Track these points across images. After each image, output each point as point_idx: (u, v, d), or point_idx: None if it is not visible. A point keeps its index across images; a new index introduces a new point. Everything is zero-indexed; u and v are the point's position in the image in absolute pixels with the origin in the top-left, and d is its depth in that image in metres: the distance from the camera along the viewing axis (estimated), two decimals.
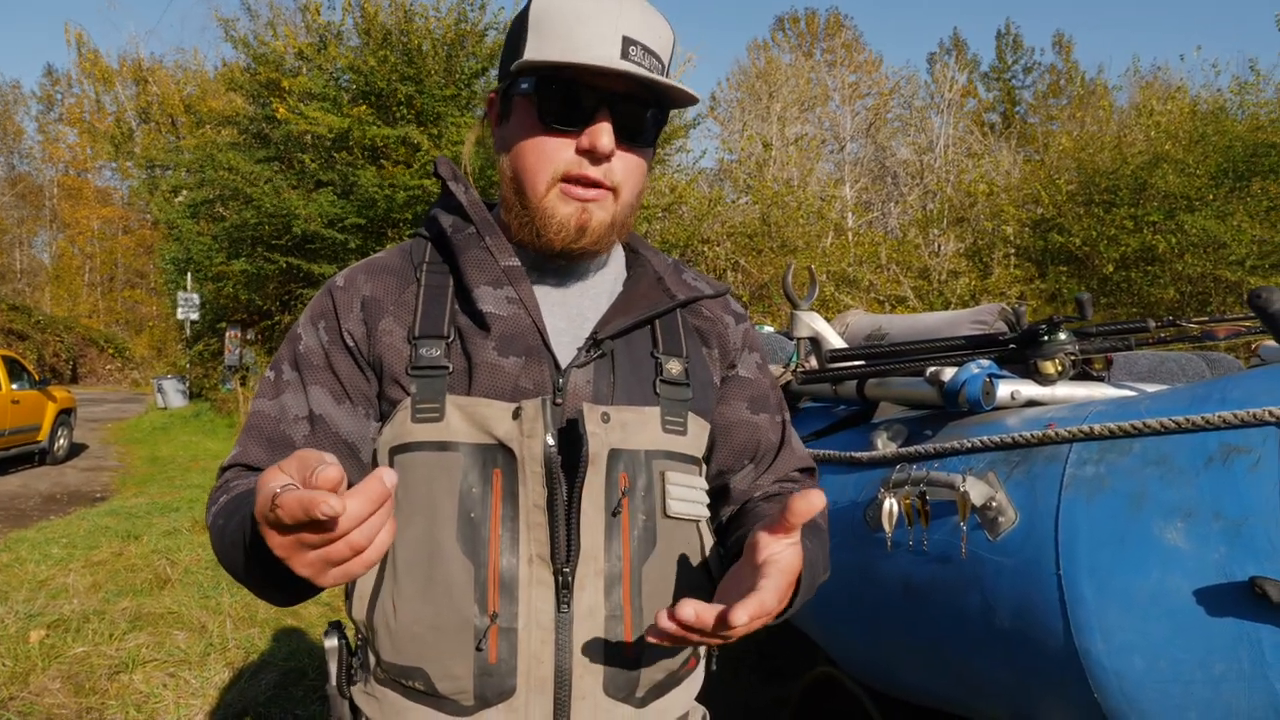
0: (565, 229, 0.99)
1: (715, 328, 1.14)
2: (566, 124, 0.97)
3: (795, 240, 14.49)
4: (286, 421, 1.02)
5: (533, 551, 0.94)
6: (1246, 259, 11.20)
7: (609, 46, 0.94)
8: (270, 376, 1.05)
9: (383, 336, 1.01)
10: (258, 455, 1.01)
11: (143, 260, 36.83)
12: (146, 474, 10.32)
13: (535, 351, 0.99)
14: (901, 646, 1.72)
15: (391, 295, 1.04)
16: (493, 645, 0.93)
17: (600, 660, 0.96)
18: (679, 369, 1.06)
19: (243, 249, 14.23)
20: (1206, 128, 12.43)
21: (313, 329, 1.05)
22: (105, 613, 4.46)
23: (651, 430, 1.01)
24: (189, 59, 29.43)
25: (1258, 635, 1.22)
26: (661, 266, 1.13)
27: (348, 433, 1.02)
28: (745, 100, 21.85)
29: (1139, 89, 18.07)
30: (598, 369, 1.01)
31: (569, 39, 0.95)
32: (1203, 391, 1.39)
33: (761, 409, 1.16)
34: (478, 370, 0.97)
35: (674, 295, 1.09)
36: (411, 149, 12.55)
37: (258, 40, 14.18)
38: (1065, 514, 1.39)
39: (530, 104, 0.99)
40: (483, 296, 0.99)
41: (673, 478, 1.02)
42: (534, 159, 0.99)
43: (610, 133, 0.96)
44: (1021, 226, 14.26)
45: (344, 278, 1.07)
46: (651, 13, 1.00)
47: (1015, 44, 33.37)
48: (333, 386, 1.02)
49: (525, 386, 0.98)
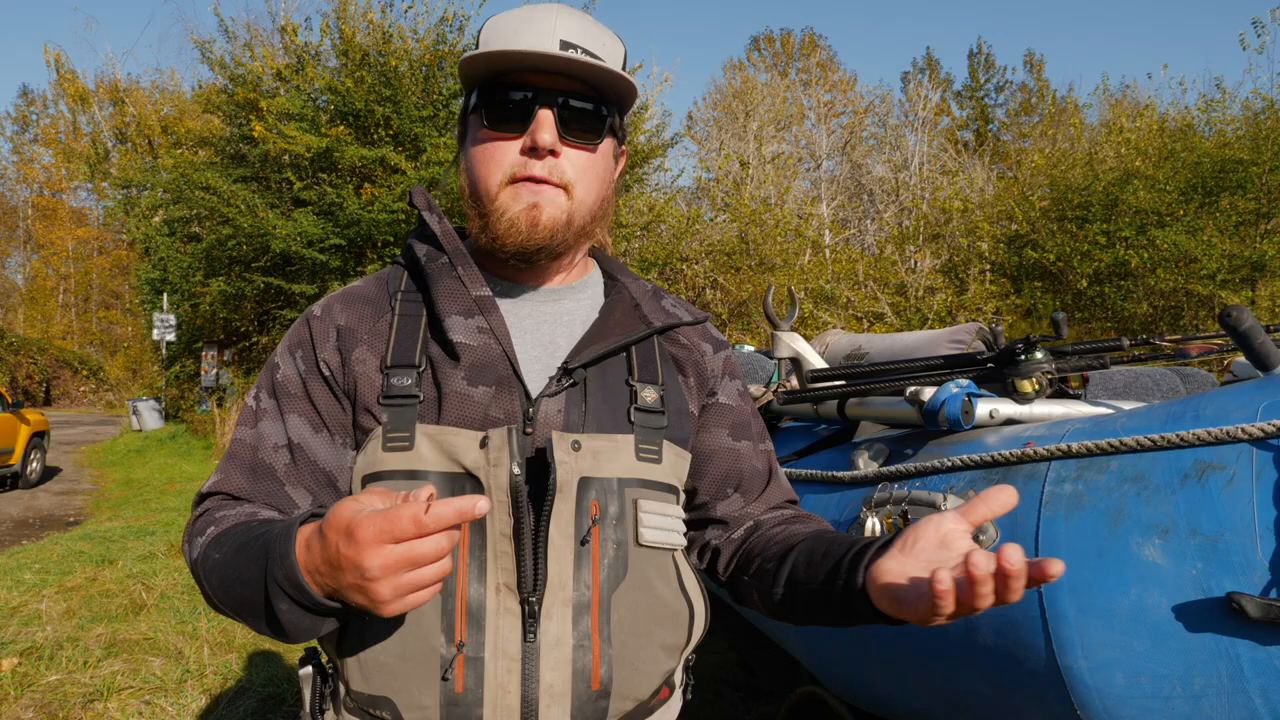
0: (516, 225, 1.00)
1: (692, 355, 1.14)
2: (509, 124, 0.99)
3: (773, 258, 14.58)
4: (265, 450, 1.02)
5: (500, 580, 0.94)
6: (1217, 273, 11.39)
7: (545, 45, 0.97)
8: (250, 405, 1.06)
9: (356, 365, 1.02)
10: (239, 483, 1.01)
11: (118, 281, 36.48)
12: (121, 497, 10.17)
13: (505, 381, 0.99)
14: (885, 664, 1.73)
15: (366, 324, 1.05)
16: (459, 675, 0.93)
17: (567, 691, 0.95)
18: (654, 396, 1.06)
19: (220, 268, 14.14)
20: (1175, 144, 12.65)
21: (290, 358, 1.05)
22: (79, 640, 4.38)
23: (625, 458, 1.01)
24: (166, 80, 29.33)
25: (1236, 650, 1.24)
26: (639, 293, 1.13)
27: (325, 461, 1.02)
28: (722, 119, 22.02)
29: (1109, 106, 18.37)
30: (569, 398, 1.01)
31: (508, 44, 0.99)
32: (1177, 409, 1.41)
33: (743, 436, 1.16)
34: (447, 400, 0.98)
35: (650, 323, 1.09)
36: (389, 170, 12.55)
37: (235, 61, 14.14)
38: (1045, 532, 1.40)
39: (479, 116, 1.02)
40: (453, 326, 1.00)
41: (646, 506, 1.01)
42: (482, 163, 1.02)
43: (551, 127, 0.98)
44: (996, 243, 14.42)
45: (321, 307, 1.08)
46: (594, 24, 1.03)
47: (987, 63, 33.87)
48: (310, 415, 1.03)
49: (495, 416, 0.98)
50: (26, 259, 40.61)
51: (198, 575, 0.96)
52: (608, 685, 0.97)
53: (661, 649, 1.02)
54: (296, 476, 1.02)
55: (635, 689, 1.00)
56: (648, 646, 1.01)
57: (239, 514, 0.97)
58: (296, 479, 1.02)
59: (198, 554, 0.96)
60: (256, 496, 1.01)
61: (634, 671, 0.99)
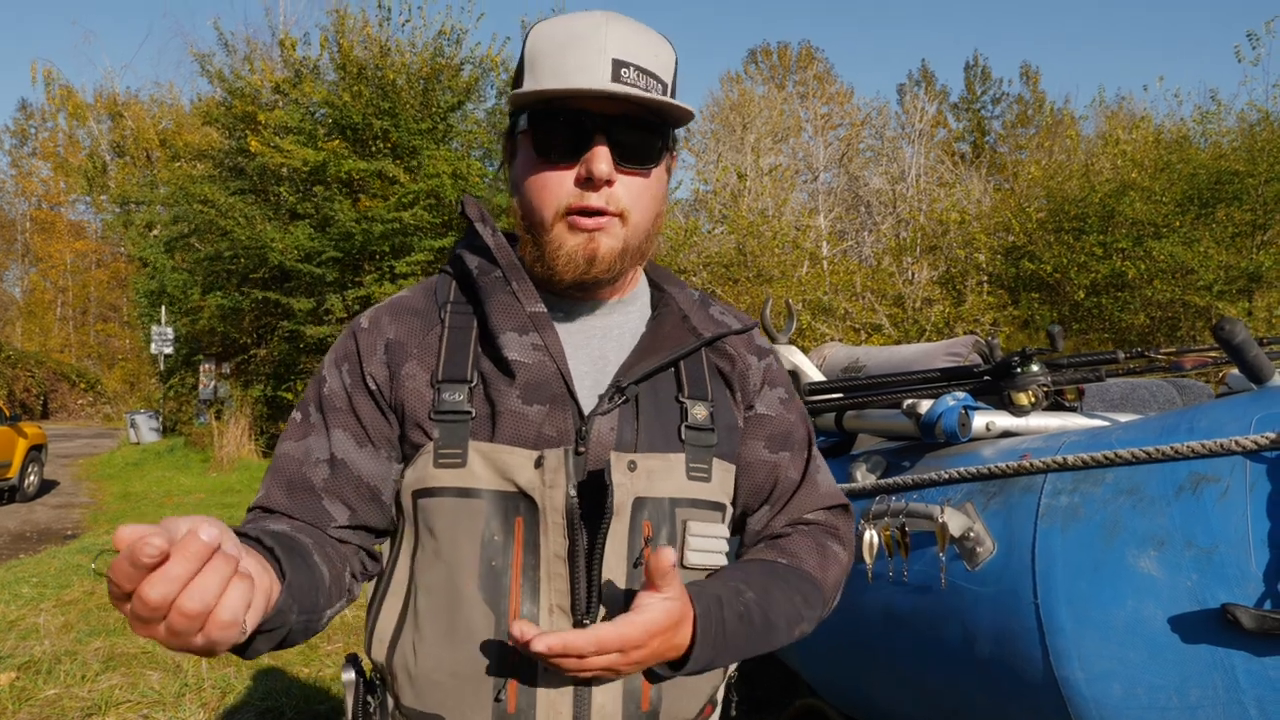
0: (574, 260, 0.97)
1: (738, 368, 1.11)
2: (563, 155, 0.96)
3: (771, 269, 14.60)
4: (308, 464, 1.01)
5: (553, 601, 0.93)
6: (1214, 284, 11.41)
7: (598, 71, 0.94)
8: (297, 418, 1.05)
9: (406, 380, 1.00)
10: (278, 499, 1.00)
11: (116, 294, 36.48)
12: (119, 511, 10.14)
13: (559, 399, 0.98)
14: (883, 676, 1.73)
15: (415, 338, 1.03)
16: (512, 696, 0.93)
17: (618, 712, 0.95)
18: (704, 414, 1.04)
19: (217, 282, 14.15)
20: (1171, 156, 12.70)
21: (336, 371, 1.04)
22: (77, 653, 4.37)
23: (676, 478, 0.99)
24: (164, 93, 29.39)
25: (1231, 661, 1.25)
26: (686, 303, 1.11)
27: (369, 475, 1.01)
28: (719, 131, 22.10)
29: (1105, 118, 18.47)
30: (622, 415, 0.99)
31: (558, 70, 0.95)
32: (1172, 422, 1.43)
33: (782, 447, 1.12)
34: (501, 417, 0.96)
35: (699, 334, 1.07)
36: (387, 182, 12.58)
37: (234, 74, 14.19)
38: (1042, 543, 1.41)
39: (528, 140, 0.99)
40: (508, 343, 0.98)
41: (694, 528, 1.00)
42: (537, 195, 0.99)
43: (607, 158, 0.95)
44: (993, 254, 14.46)
45: (368, 319, 1.06)
46: (644, 33, 0.99)
47: (983, 75, 34.04)
48: (355, 429, 1.01)
49: (549, 434, 0.96)
50: (25, 272, 40.64)
51: None
52: (657, 706, 0.97)
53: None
54: (335, 490, 1.00)
55: (683, 709, 1.00)
56: None
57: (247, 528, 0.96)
58: (335, 493, 1.00)
59: None
60: (293, 511, 1.00)
61: (682, 692, 1.00)
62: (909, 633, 1.61)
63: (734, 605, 0.95)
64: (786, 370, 2.35)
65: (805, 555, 1.08)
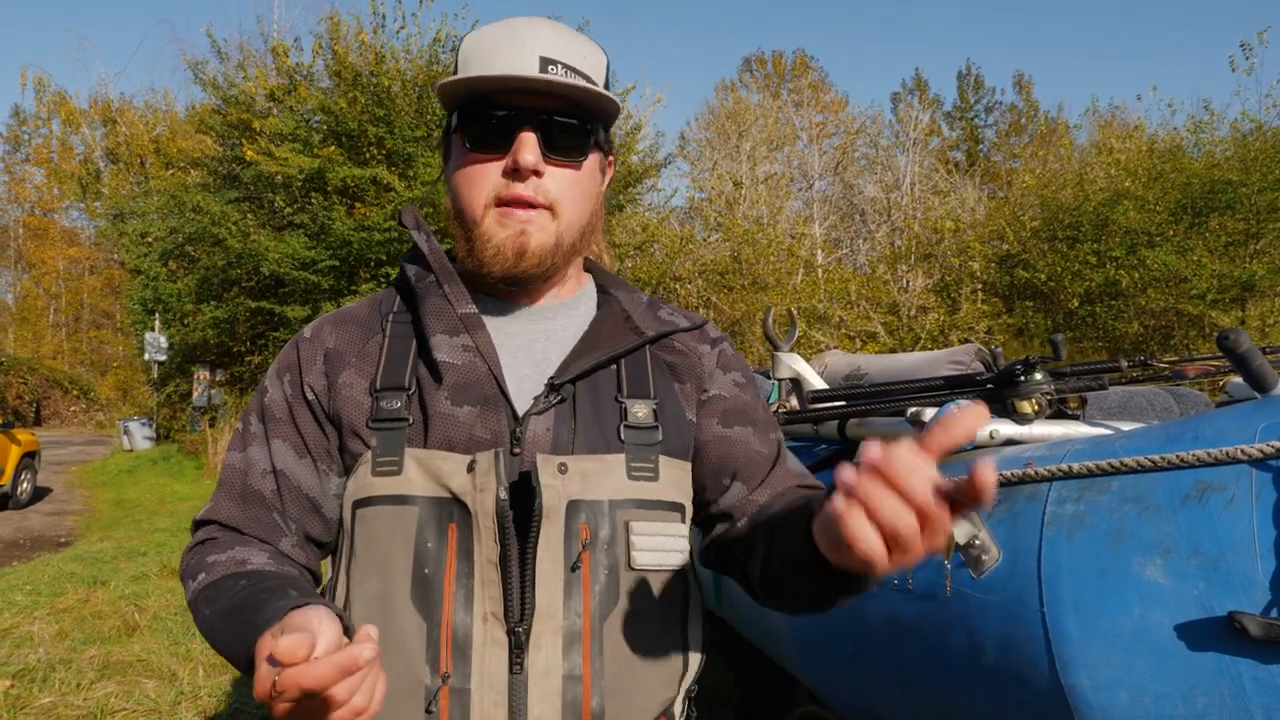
0: (502, 253, 0.98)
1: (688, 360, 1.09)
2: (491, 146, 0.97)
3: (766, 277, 14.64)
4: (254, 475, 1.01)
5: (487, 609, 0.91)
6: (1207, 293, 11.47)
7: (526, 66, 0.95)
8: (241, 429, 1.05)
9: (343, 389, 1.00)
10: (229, 511, 1.00)
11: (109, 301, 36.39)
12: (112, 518, 10.11)
13: (491, 400, 0.97)
14: (887, 684, 1.73)
15: (354, 347, 1.03)
16: (444, 707, 0.90)
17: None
18: (645, 411, 1.01)
19: (211, 292, 14.11)
20: (1165, 165, 12.78)
21: (278, 382, 1.04)
22: (72, 661, 4.35)
23: (615, 479, 0.97)
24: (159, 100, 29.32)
25: (1238, 669, 1.25)
26: (631, 304, 1.09)
27: (308, 488, 1.01)
28: (714, 140, 22.17)
29: (1098, 127, 18.57)
30: (558, 415, 0.98)
31: (486, 67, 0.97)
32: (1176, 430, 1.43)
33: (738, 422, 1.09)
34: (433, 421, 0.95)
35: (642, 333, 1.05)
36: (383, 189, 12.58)
37: (227, 82, 14.19)
38: (1047, 551, 1.42)
39: (460, 135, 1.00)
40: (438, 345, 0.98)
41: (638, 528, 0.97)
42: (465, 186, 0.99)
43: (533, 147, 0.95)
44: (988, 262, 14.51)
45: (311, 329, 1.07)
46: (575, 37, 1.01)
47: (977, 84, 34.21)
48: (294, 440, 1.01)
49: (482, 436, 0.95)
50: (17, 278, 40.50)
51: (193, 612, 0.95)
52: (600, 717, 0.94)
53: (658, 679, 0.99)
54: (282, 504, 1.00)
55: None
56: (643, 675, 0.97)
57: (228, 561, 0.95)
58: (282, 506, 1.01)
59: (190, 597, 0.95)
60: (246, 525, 0.99)
61: (628, 703, 0.96)
62: (913, 640, 1.61)
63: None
64: (788, 377, 2.37)
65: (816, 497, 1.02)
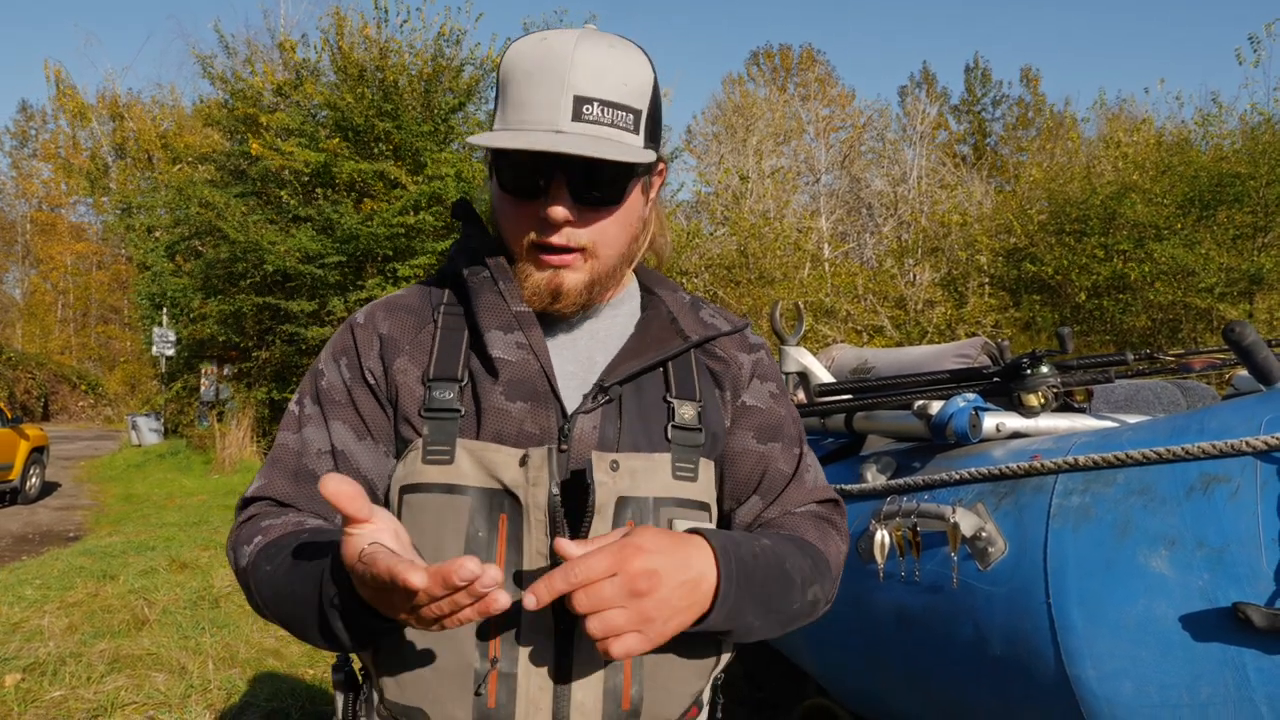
0: (539, 293, 1.00)
1: (729, 370, 1.11)
2: (523, 192, 0.98)
3: (773, 271, 14.62)
4: (309, 456, 1.02)
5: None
6: (1215, 286, 11.43)
7: (558, 111, 0.94)
8: (294, 411, 1.06)
9: (397, 375, 1.02)
10: (283, 489, 1.02)
11: (117, 296, 36.51)
12: (121, 512, 10.15)
13: (542, 397, 0.99)
14: (895, 675, 1.74)
15: (408, 335, 1.05)
16: (492, 690, 0.93)
17: (598, 709, 0.95)
18: (692, 413, 1.04)
19: (218, 286, 14.14)
20: (1172, 159, 12.72)
21: (334, 365, 1.06)
22: (82, 655, 4.37)
23: (661, 477, 1.00)
24: (166, 95, 29.42)
25: (1241, 659, 1.26)
26: (676, 305, 1.11)
27: (367, 470, 1.03)
28: (721, 134, 22.13)
29: (1106, 121, 18.47)
30: (605, 415, 1.01)
31: (520, 107, 0.96)
32: (1182, 423, 1.44)
33: (771, 439, 1.12)
34: (485, 415, 0.98)
35: (687, 336, 1.07)
36: (390, 184, 12.59)
37: (235, 76, 14.21)
38: (1053, 543, 1.42)
39: (495, 175, 1.01)
40: (493, 341, 1.00)
41: (680, 526, 0.99)
42: (506, 225, 1.02)
43: (563, 199, 0.95)
44: (995, 256, 14.48)
45: (364, 314, 1.08)
46: (616, 55, 0.98)
47: (984, 77, 34.05)
48: (354, 423, 1.03)
49: (531, 432, 0.98)
50: (25, 274, 40.69)
51: (246, 583, 0.97)
52: (638, 705, 0.97)
53: (692, 669, 1.02)
54: None
55: (665, 709, 1.00)
56: (679, 667, 1.00)
57: (285, 523, 0.98)
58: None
59: (246, 562, 0.96)
60: (300, 502, 1.01)
61: (664, 692, 0.99)
62: (921, 632, 1.62)
63: (749, 545, 0.95)
64: (796, 371, 2.38)
65: (804, 530, 1.08)
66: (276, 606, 0.93)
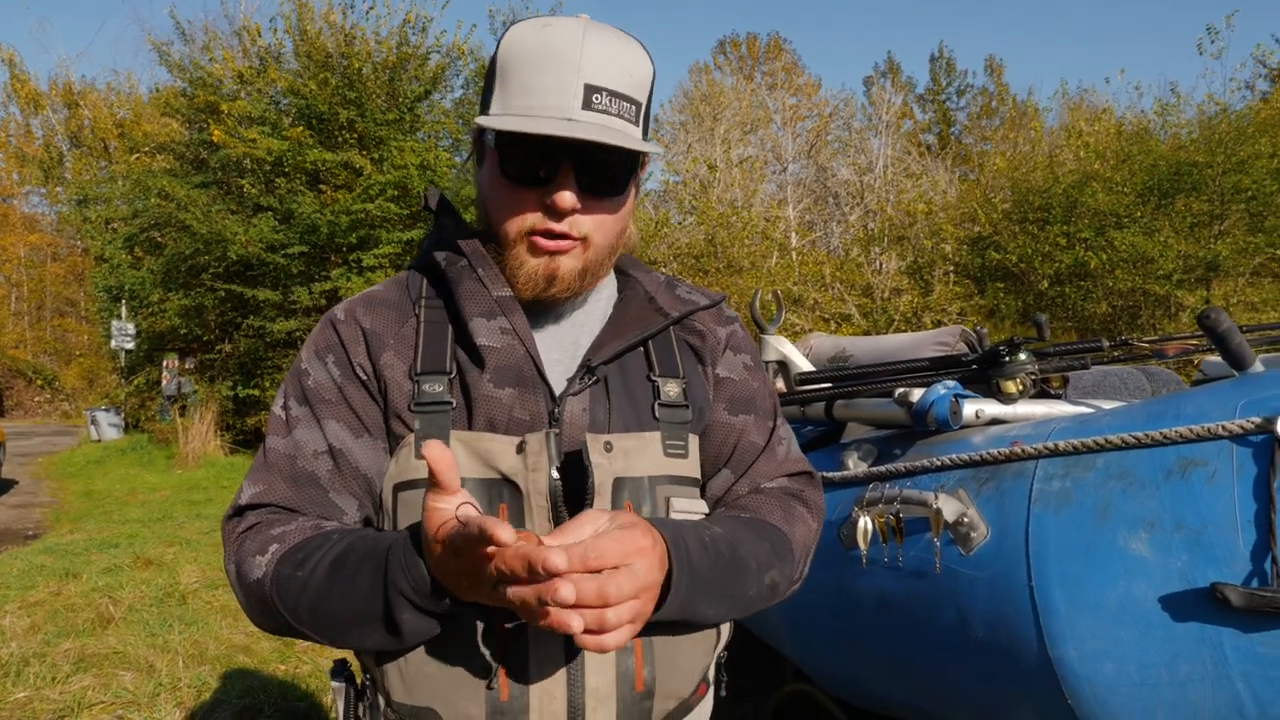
0: (534, 279, 0.99)
1: (708, 343, 1.12)
2: (530, 181, 0.97)
3: (741, 260, 14.65)
4: (305, 458, 1.00)
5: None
6: (1173, 273, 11.64)
7: (569, 98, 0.93)
8: (280, 415, 1.03)
9: (385, 370, 1.01)
10: (284, 494, 0.99)
11: (73, 288, 35.71)
12: (82, 509, 9.95)
13: (530, 382, 0.99)
14: (878, 661, 1.76)
15: (391, 329, 1.03)
16: (504, 683, 0.93)
17: (612, 693, 0.96)
18: (677, 390, 1.05)
19: (179, 279, 13.88)
20: (1132, 148, 12.92)
21: (319, 363, 1.03)
22: (46, 655, 4.29)
23: (653, 455, 1.00)
24: (122, 82, 28.77)
25: (1219, 638, 1.28)
26: (652, 285, 1.12)
27: (367, 467, 1.01)
28: (689, 123, 22.10)
29: (1068, 110, 18.71)
30: (593, 396, 1.00)
31: (527, 92, 0.94)
32: (1159, 408, 1.46)
33: (742, 410, 1.12)
34: (475, 403, 0.97)
35: (666, 313, 1.08)
36: (354, 173, 12.43)
37: (194, 64, 13.92)
38: (1035, 527, 1.44)
39: (495, 158, 0.99)
40: (477, 329, 0.99)
41: (677, 504, 1.01)
42: (502, 214, 1.00)
43: (572, 190, 0.95)
44: (960, 244, 14.63)
45: (343, 310, 1.06)
46: (621, 47, 0.97)
47: (948, 67, 34.32)
48: (349, 420, 1.01)
49: (521, 418, 0.97)
50: None
51: (263, 594, 0.92)
52: (651, 686, 0.98)
53: (699, 648, 1.04)
54: (341, 483, 1.00)
55: (677, 688, 1.01)
56: (687, 645, 1.02)
57: (301, 528, 0.95)
58: (342, 485, 1.00)
59: (262, 572, 0.92)
60: (303, 506, 0.99)
61: (675, 672, 1.00)
62: (904, 617, 1.64)
63: (697, 534, 0.94)
64: (775, 360, 2.39)
65: (768, 511, 1.08)
66: (318, 610, 0.90)
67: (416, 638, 0.88)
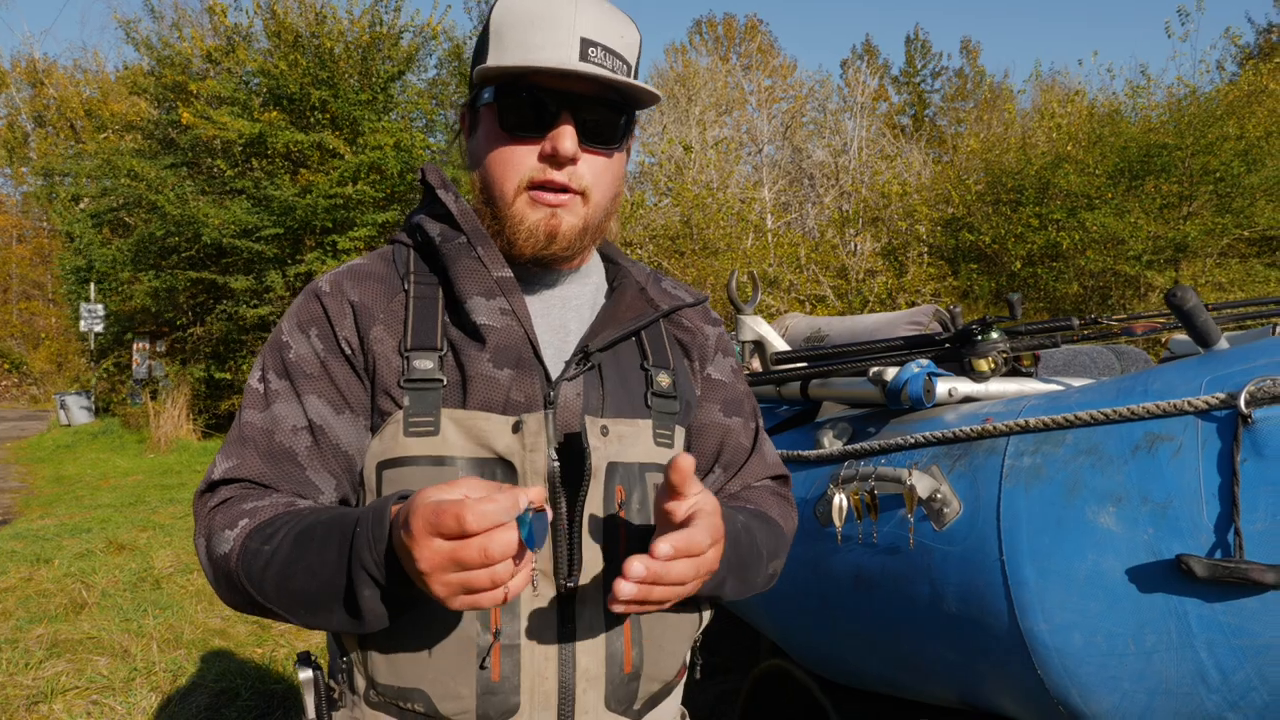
0: (534, 235, 0.98)
1: (696, 339, 1.15)
2: (528, 130, 0.97)
3: (717, 242, 14.65)
4: (282, 433, 0.97)
5: (535, 566, 0.92)
6: (1143, 254, 11.79)
7: (566, 49, 0.94)
8: (258, 388, 1.00)
9: (374, 345, 0.98)
10: (258, 469, 0.96)
11: (39, 270, 35.06)
12: (52, 494, 9.83)
13: (527, 363, 0.98)
14: (854, 636, 1.79)
15: (380, 303, 1.01)
16: (495, 663, 0.92)
17: (602, 674, 0.96)
18: (668, 382, 1.06)
19: (148, 261, 13.65)
20: (1103, 129, 13.02)
21: (302, 336, 1.00)
22: (18, 641, 4.25)
23: (644, 443, 1.01)
24: (89, 60, 28.17)
25: (1184, 609, 1.32)
26: (641, 276, 1.13)
27: (348, 445, 0.99)
28: (664, 103, 22.00)
29: (1041, 92, 18.81)
30: (587, 381, 1.00)
31: (526, 45, 0.95)
32: (1127, 384, 1.49)
33: (734, 413, 1.16)
34: (472, 382, 0.95)
35: (657, 306, 1.09)
36: (328, 154, 12.27)
37: (162, 42, 13.65)
38: (1006, 503, 1.47)
39: (493, 113, 0.98)
40: (476, 308, 0.97)
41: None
42: (500, 168, 0.99)
43: (573, 136, 0.96)
44: (934, 226, 14.71)
45: (329, 283, 1.03)
46: (612, 12, 1.00)
47: (924, 49, 34.37)
48: (331, 395, 0.98)
49: (516, 399, 0.96)
50: None
51: (228, 569, 0.90)
52: (639, 668, 0.99)
53: (683, 630, 1.05)
54: (320, 460, 0.97)
55: (663, 670, 1.02)
56: (673, 628, 1.03)
57: (273, 504, 0.93)
58: (320, 462, 0.97)
59: (229, 547, 0.90)
60: (280, 482, 0.96)
61: (661, 653, 1.02)
62: (879, 592, 1.67)
63: (733, 519, 0.98)
64: (751, 340, 2.40)
65: (769, 506, 1.13)
66: (282, 585, 0.88)
67: (376, 621, 0.85)
